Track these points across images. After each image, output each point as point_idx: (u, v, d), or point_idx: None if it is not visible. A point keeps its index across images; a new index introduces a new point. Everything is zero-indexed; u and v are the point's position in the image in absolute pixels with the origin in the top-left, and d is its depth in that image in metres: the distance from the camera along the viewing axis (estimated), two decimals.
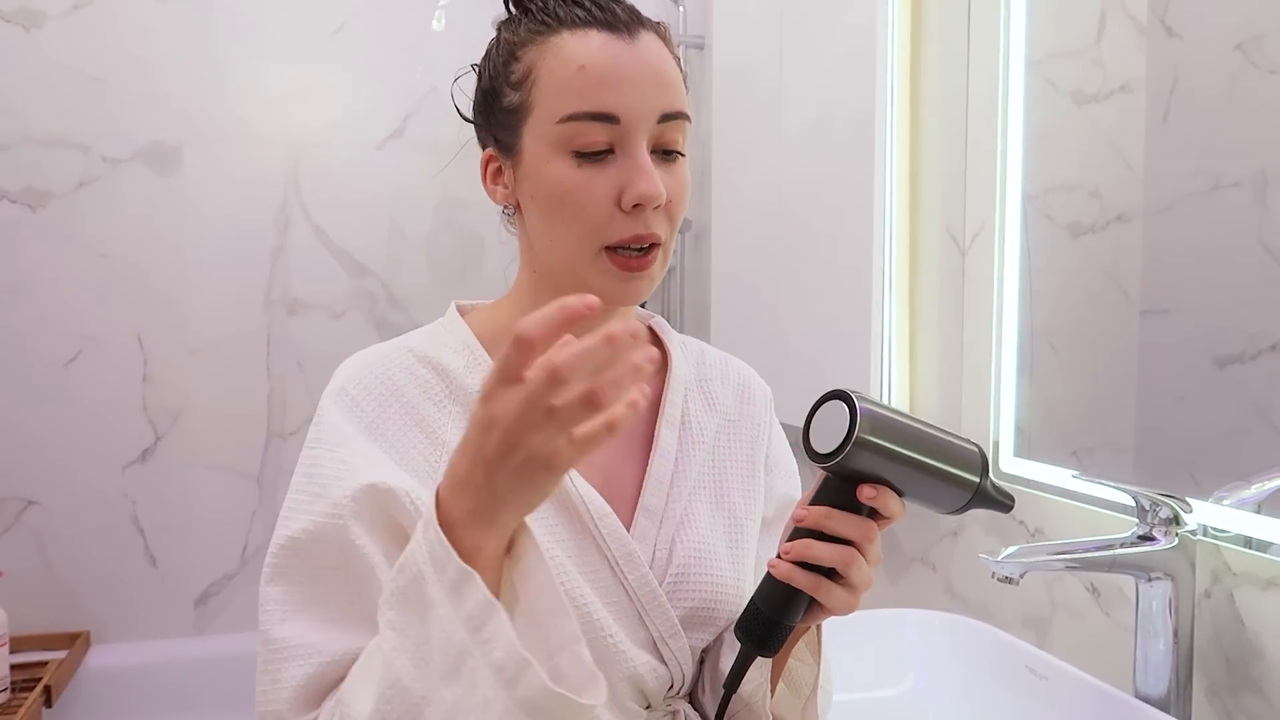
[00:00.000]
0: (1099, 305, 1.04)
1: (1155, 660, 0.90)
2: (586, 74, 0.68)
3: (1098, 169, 1.04)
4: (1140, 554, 0.89)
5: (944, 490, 0.64)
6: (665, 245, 0.72)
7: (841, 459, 0.60)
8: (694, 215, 2.29)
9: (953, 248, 1.33)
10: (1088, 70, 1.05)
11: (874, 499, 0.62)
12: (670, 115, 0.70)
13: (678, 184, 0.72)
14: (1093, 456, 1.05)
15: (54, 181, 2.07)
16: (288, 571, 0.67)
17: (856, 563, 0.62)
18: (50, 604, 2.09)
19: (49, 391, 2.08)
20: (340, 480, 0.67)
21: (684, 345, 0.86)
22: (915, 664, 1.07)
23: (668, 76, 0.70)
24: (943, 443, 0.64)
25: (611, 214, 0.69)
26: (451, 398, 0.74)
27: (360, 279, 2.28)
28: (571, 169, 0.69)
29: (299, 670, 0.64)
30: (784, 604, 0.64)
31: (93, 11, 2.07)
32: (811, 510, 0.63)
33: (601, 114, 0.68)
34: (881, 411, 0.61)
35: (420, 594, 0.57)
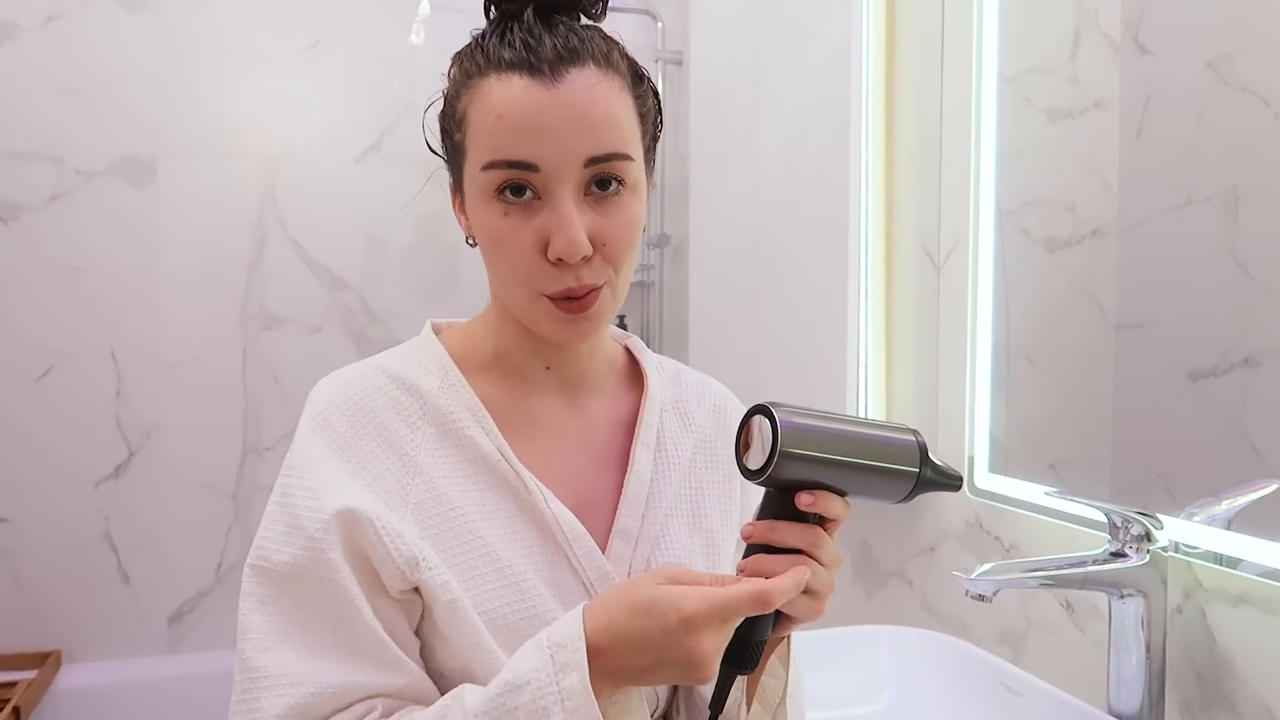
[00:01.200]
0: (1075, 319, 1.04)
1: (1128, 676, 0.90)
2: (503, 123, 0.66)
3: (1073, 184, 1.04)
4: (1112, 571, 0.89)
5: (884, 485, 0.65)
6: (611, 284, 0.70)
7: (770, 472, 0.61)
8: (673, 230, 2.30)
9: (928, 263, 1.34)
10: (1062, 87, 1.06)
11: (813, 505, 0.62)
12: (598, 158, 0.67)
13: (617, 225, 0.68)
14: (1069, 469, 1.06)
15: (26, 195, 2.05)
16: (270, 602, 0.66)
17: (810, 570, 0.63)
18: (20, 623, 2.06)
19: (20, 407, 2.05)
20: (310, 511, 0.67)
21: (660, 365, 0.86)
22: (890, 681, 1.07)
23: (595, 119, 0.66)
24: (875, 440, 0.64)
25: (539, 264, 0.68)
26: (425, 418, 0.73)
27: (338, 293, 2.27)
28: (498, 216, 0.68)
29: (280, 700, 0.63)
30: (750, 621, 0.64)
31: (66, 24, 2.06)
32: (757, 526, 0.64)
33: (518, 163, 0.66)
34: (805, 421, 0.62)
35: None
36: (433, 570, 0.67)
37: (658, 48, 2.27)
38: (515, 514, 0.72)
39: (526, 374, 0.77)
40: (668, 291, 2.35)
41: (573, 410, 0.78)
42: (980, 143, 1.17)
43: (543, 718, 0.59)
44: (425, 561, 0.67)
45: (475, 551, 0.69)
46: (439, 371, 0.75)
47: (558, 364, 0.78)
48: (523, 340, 0.76)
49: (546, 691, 0.59)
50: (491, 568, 0.69)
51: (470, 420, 0.73)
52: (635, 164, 0.70)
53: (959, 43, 1.26)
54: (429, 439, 0.72)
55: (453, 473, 0.72)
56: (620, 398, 0.81)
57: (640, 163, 0.71)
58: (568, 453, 0.77)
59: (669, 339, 2.34)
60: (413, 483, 0.70)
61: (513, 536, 0.70)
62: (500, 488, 0.72)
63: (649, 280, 2.39)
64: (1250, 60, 0.85)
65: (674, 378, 0.86)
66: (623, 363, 0.84)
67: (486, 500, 0.71)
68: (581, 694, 0.59)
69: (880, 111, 1.38)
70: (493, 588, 0.69)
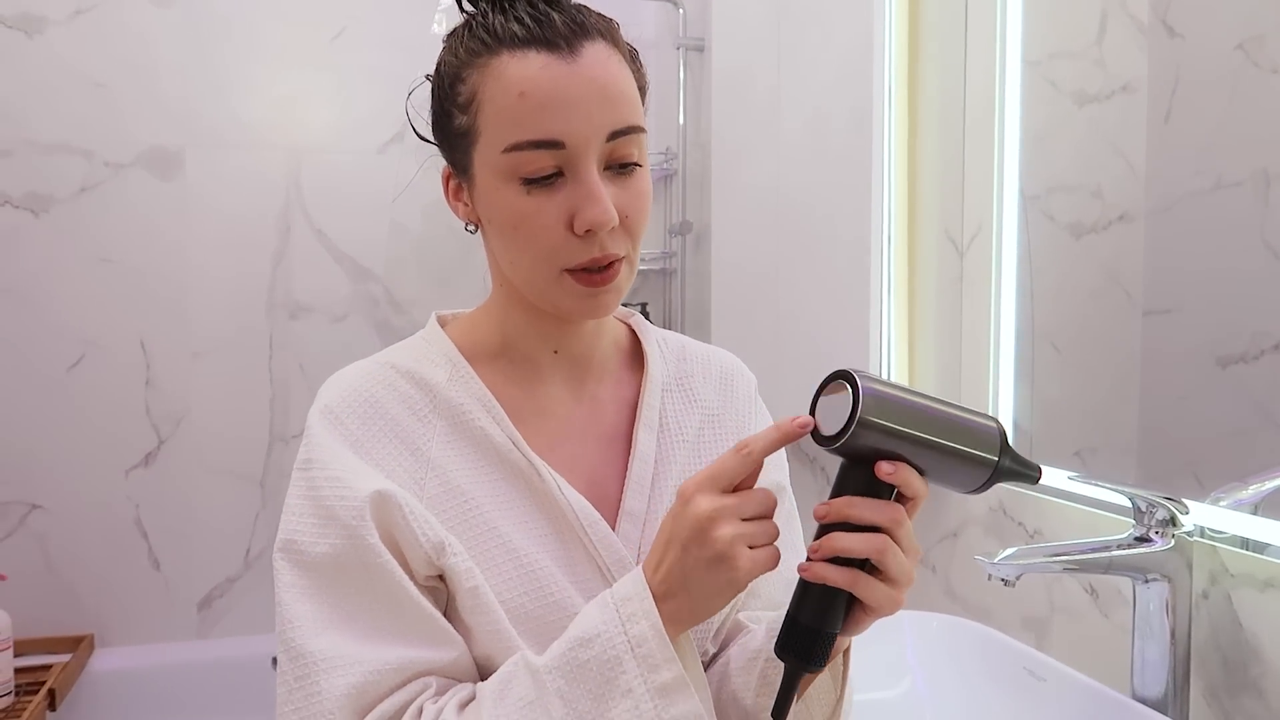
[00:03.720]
0: (1101, 305, 1.04)
1: (1152, 661, 0.90)
2: (527, 101, 0.65)
3: (1099, 169, 1.04)
4: (1137, 555, 0.89)
5: (962, 470, 0.60)
6: (629, 258, 0.71)
7: (847, 439, 0.57)
8: (695, 217, 2.30)
9: (951, 249, 1.33)
10: (1089, 70, 1.05)
11: (893, 475, 0.58)
12: (620, 132, 0.67)
13: (634, 198, 0.69)
14: (1096, 457, 1.05)
15: (56, 186, 2.08)
16: (314, 592, 0.66)
17: (890, 550, 0.58)
18: (54, 607, 2.10)
19: (52, 396, 2.09)
20: (343, 500, 0.67)
21: (664, 342, 0.85)
22: (912, 665, 1.07)
23: (614, 91, 0.67)
24: (956, 420, 0.60)
25: (565, 239, 0.67)
26: (435, 411, 0.73)
27: (362, 282, 2.28)
28: (521, 196, 0.67)
29: (342, 680, 0.63)
30: (823, 609, 0.60)
31: (94, 17, 2.08)
32: (833, 503, 0.60)
33: (545, 141, 0.65)
34: (887, 390, 0.58)
35: (609, 678, 0.60)
36: (457, 556, 0.67)
37: (679, 34, 2.27)
38: (528, 503, 0.72)
39: (534, 360, 0.77)
40: (690, 278, 2.35)
41: (580, 395, 0.79)
42: (1004, 127, 1.16)
43: (615, 668, 0.60)
44: (451, 547, 0.67)
45: (492, 543, 0.69)
46: (447, 364, 0.75)
47: (565, 346, 0.78)
48: (530, 325, 0.76)
49: (617, 642, 0.60)
50: (509, 558, 0.69)
51: (480, 411, 0.73)
52: (645, 137, 0.71)
53: (982, 27, 1.25)
54: (440, 432, 0.72)
55: (465, 465, 0.72)
56: (625, 379, 0.81)
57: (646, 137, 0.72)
58: (576, 438, 0.77)
59: (691, 325, 2.34)
60: (426, 477, 0.70)
61: (527, 526, 0.71)
62: (513, 477, 0.72)
63: (671, 268, 2.39)
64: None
65: (678, 353, 0.85)
66: (627, 343, 0.84)
67: (500, 491, 0.72)
68: (654, 638, 0.60)
69: (903, 97, 1.38)
70: (511, 578, 0.69)
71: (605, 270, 0.69)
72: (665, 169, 2.34)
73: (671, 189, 2.38)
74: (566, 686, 0.61)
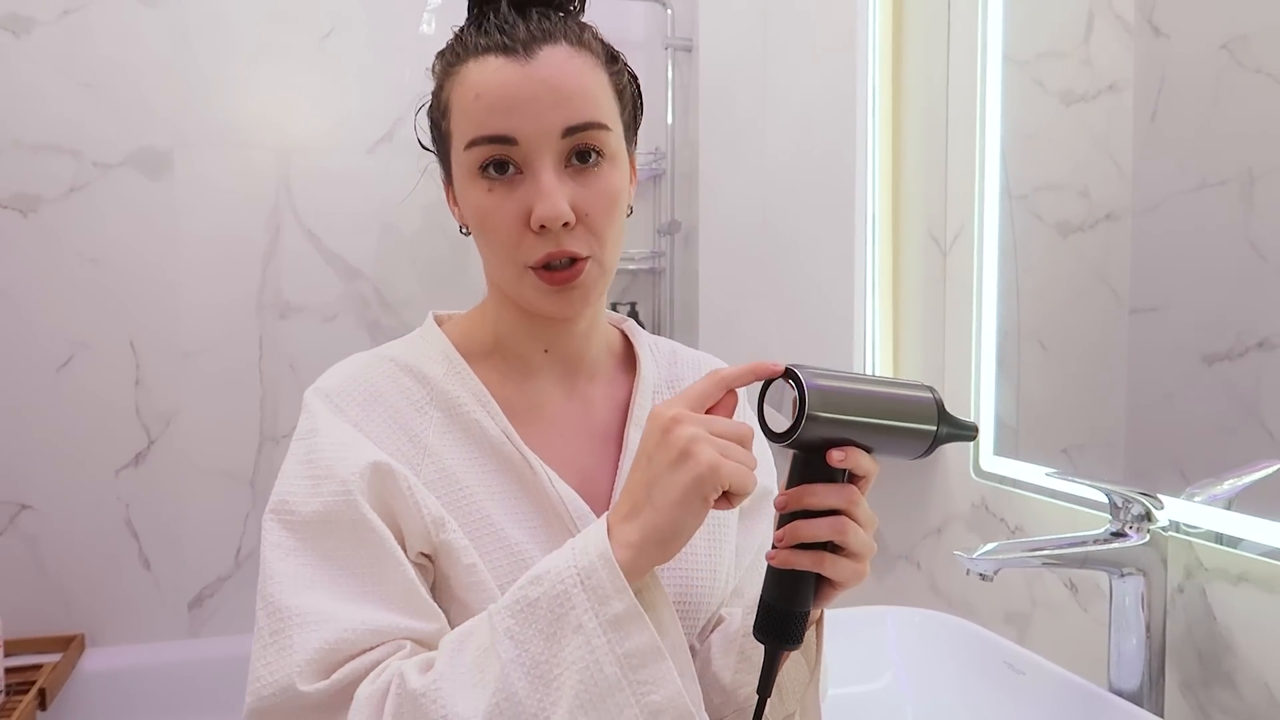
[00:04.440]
0: (1088, 304, 1.04)
1: (1128, 655, 0.91)
2: (481, 101, 0.69)
3: (1086, 168, 1.04)
4: (1113, 550, 0.90)
5: (906, 442, 0.64)
6: (596, 258, 0.72)
7: (799, 435, 0.61)
8: (683, 216, 2.31)
9: (934, 248, 1.34)
10: (1076, 70, 1.06)
11: (844, 460, 0.61)
12: (575, 128, 0.69)
13: (595, 195, 0.70)
14: (1083, 453, 1.06)
15: (45, 187, 2.08)
16: (298, 551, 0.67)
17: (850, 529, 0.62)
18: (45, 607, 2.10)
19: (42, 396, 2.09)
20: (344, 460, 0.68)
21: (655, 346, 0.87)
22: (894, 660, 1.08)
23: (568, 89, 0.69)
24: (895, 398, 0.64)
25: (522, 235, 0.70)
26: (433, 403, 0.75)
27: (352, 282, 2.29)
28: (483, 194, 0.70)
29: (315, 635, 0.63)
30: (792, 591, 0.63)
31: (82, 17, 2.08)
32: (790, 493, 0.63)
33: (496, 137, 0.69)
34: (829, 383, 0.62)
35: (559, 614, 0.59)
36: (455, 533, 0.69)
37: (667, 35, 2.28)
38: (521, 496, 0.73)
39: (527, 359, 0.79)
40: (679, 278, 2.36)
41: (572, 395, 0.80)
42: (985, 127, 1.18)
43: (565, 602, 0.59)
44: (449, 523, 0.69)
45: (485, 530, 0.71)
46: (444, 359, 0.77)
47: (556, 346, 0.79)
48: (520, 325, 0.78)
49: (566, 574, 0.59)
50: (500, 546, 0.71)
51: (476, 405, 0.75)
52: (613, 134, 0.72)
53: (965, 27, 1.26)
54: (436, 422, 0.74)
55: (460, 455, 0.73)
56: (618, 381, 0.83)
57: (619, 135, 0.73)
58: (568, 436, 0.78)
59: (680, 325, 2.35)
60: (423, 463, 0.72)
61: (519, 517, 0.72)
62: (506, 470, 0.74)
63: (660, 267, 2.40)
64: (1266, 42, 0.84)
65: (669, 358, 0.87)
66: (620, 346, 0.86)
67: (493, 482, 0.73)
68: (604, 567, 0.59)
69: (887, 97, 1.39)
70: (502, 566, 0.70)
71: (567, 269, 0.71)
72: (654, 169, 2.35)
73: (660, 188, 2.39)
74: (517, 626, 0.60)
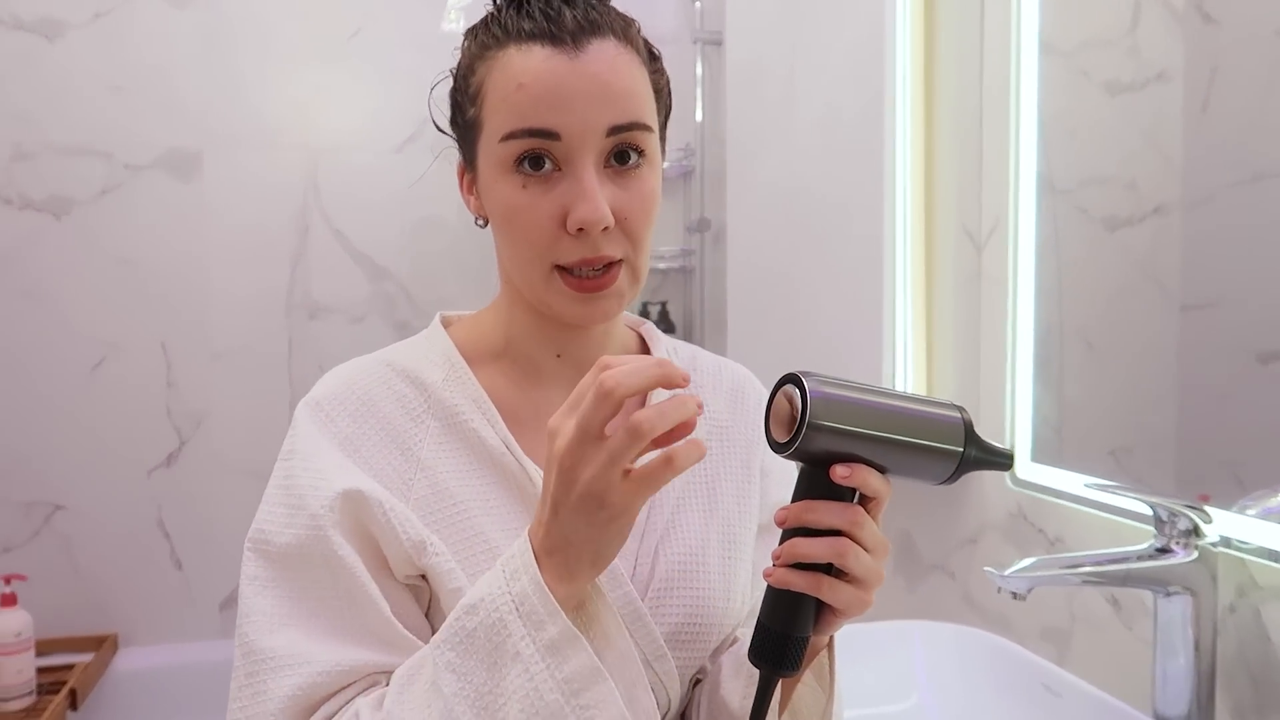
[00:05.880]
0: (1137, 301, 1.01)
1: (1174, 678, 0.85)
2: (525, 91, 0.65)
3: (1134, 160, 1.00)
4: (1157, 568, 0.84)
5: (925, 464, 0.59)
6: (630, 262, 0.69)
7: (799, 445, 0.56)
8: (713, 214, 2.26)
9: (968, 244, 1.29)
10: (1122, 59, 1.02)
11: (849, 478, 0.56)
12: (620, 127, 0.66)
13: (635, 199, 0.67)
14: (1131, 457, 1.02)
15: (77, 189, 2.09)
16: (273, 585, 0.66)
17: (852, 552, 0.57)
18: (78, 607, 2.12)
19: (75, 397, 2.10)
20: (316, 490, 0.66)
21: (675, 352, 0.84)
22: (921, 679, 1.03)
23: (618, 88, 0.66)
24: (915, 414, 0.59)
25: (558, 235, 0.66)
26: (429, 411, 0.72)
27: (380, 282, 2.28)
28: (516, 189, 0.66)
29: (288, 681, 0.62)
30: (789, 614, 0.59)
31: (112, 20, 2.09)
32: (791, 508, 0.59)
33: (540, 130, 0.65)
34: (837, 391, 0.57)
35: (497, 643, 0.56)
36: (439, 556, 0.66)
37: (696, 27, 2.23)
38: (519, 508, 0.70)
39: (537, 364, 0.76)
40: (709, 277, 2.32)
41: None
42: (1020, 118, 1.12)
43: (501, 631, 0.56)
44: (432, 547, 0.66)
45: (478, 547, 0.68)
46: (445, 364, 0.74)
47: (569, 351, 0.76)
48: (534, 328, 0.74)
49: (500, 603, 0.56)
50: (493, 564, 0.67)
51: (475, 412, 0.72)
52: (654, 136, 0.69)
53: (999, 16, 1.20)
54: (433, 432, 0.71)
55: (456, 467, 0.70)
56: None
57: (656, 137, 0.71)
58: None
59: (709, 325, 2.31)
60: (415, 478, 0.69)
61: (515, 533, 0.69)
62: (504, 481, 0.71)
63: (690, 266, 2.36)
64: None
65: (689, 364, 0.83)
66: (636, 351, 0.82)
67: (490, 495, 0.70)
68: (536, 592, 0.56)
69: (919, 88, 1.33)
70: None
71: (600, 276, 0.67)
72: (684, 165, 2.30)
73: (690, 186, 2.34)
74: (457, 659, 0.57)
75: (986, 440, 0.60)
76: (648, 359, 0.55)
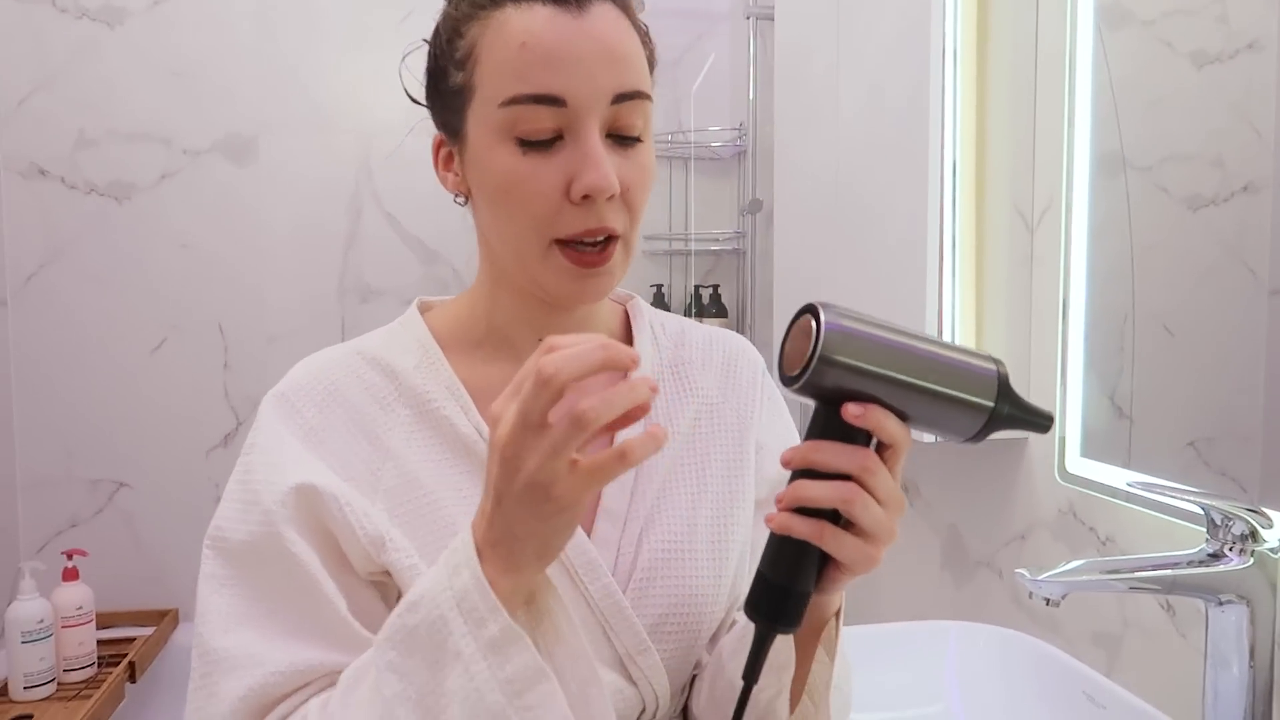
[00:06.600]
0: (1222, 284, 0.94)
1: (1226, 693, 0.79)
2: (528, 52, 0.61)
3: (1220, 136, 0.93)
4: (1208, 574, 0.78)
5: (950, 415, 0.54)
6: (626, 238, 0.66)
7: (808, 377, 0.52)
8: (764, 195, 2.20)
9: (1021, 225, 1.22)
10: (1209, 29, 0.94)
11: (861, 418, 0.52)
12: (625, 95, 0.63)
13: (635, 170, 0.65)
14: (1213, 448, 0.95)
15: (138, 175, 2.14)
16: (230, 583, 0.64)
17: (860, 499, 0.52)
18: (140, 582, 2.18)
19: (137, 378, 2.16)
20: (271, 485, 0.64)
21: (661, 327, 0.80)
22: (952, 682, 0.98)
23: (622, 52, 0.63)
24: (943, 360, 0.54)
25: (560, 206, 0.63)
26: (400, 399, 0.70)
27: (431, 265, 2.28)
28: (516, 157, 0.63)
29: (239, 682, 0.60)
30: (791, 565, 0.55)
31: (172, 6, 2.13)
32: (799, 447, 0.54)
33: (545, 96, 0.61)
34: (858, 326, 0.53)
35: (438, 643, 0.54)
36: (400, 552, 0.64)
37: (750, 3, 2.17)
38: None
39: (517, 347, 0.73)
40: (760, 259, 2.26)
41: None
42: (1074, 91, 1.05)
43: (442, 629, 0.53)
44: (393, 543, 0.64)
45: (448, 539, 0.64)
46: (418, 350, 0.72)
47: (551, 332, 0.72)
48: (517, 309, 0.72)
49: (442, 599, 0.53)
50: None
51: (448, 399, 0.69)
52: (652, 107, 0.66)
53: None
54: (403, 421, 0.69)
55: (427, 456, 0.68)
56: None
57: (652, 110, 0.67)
58: None
59: (759, 308, 2.26)
60: (383, 468, 0.67)
61: None
62: (478, 470, 0.68)
63: (742, 248, 2.31)
64: None
65: (675, 339, 0.80)
66: (621, 329, 0.79)
67: (463, 485, 0.67)
68: (476, 588, 0.52)
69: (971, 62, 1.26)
70: None
71: (600, 249, 0.64)
72: (738, 145, 2.25)
73: (744, 166, 2.29)
74: (399, 658, 0.54)
75: (1023, 399, 0.55)
76: (593, 340, 0.50)
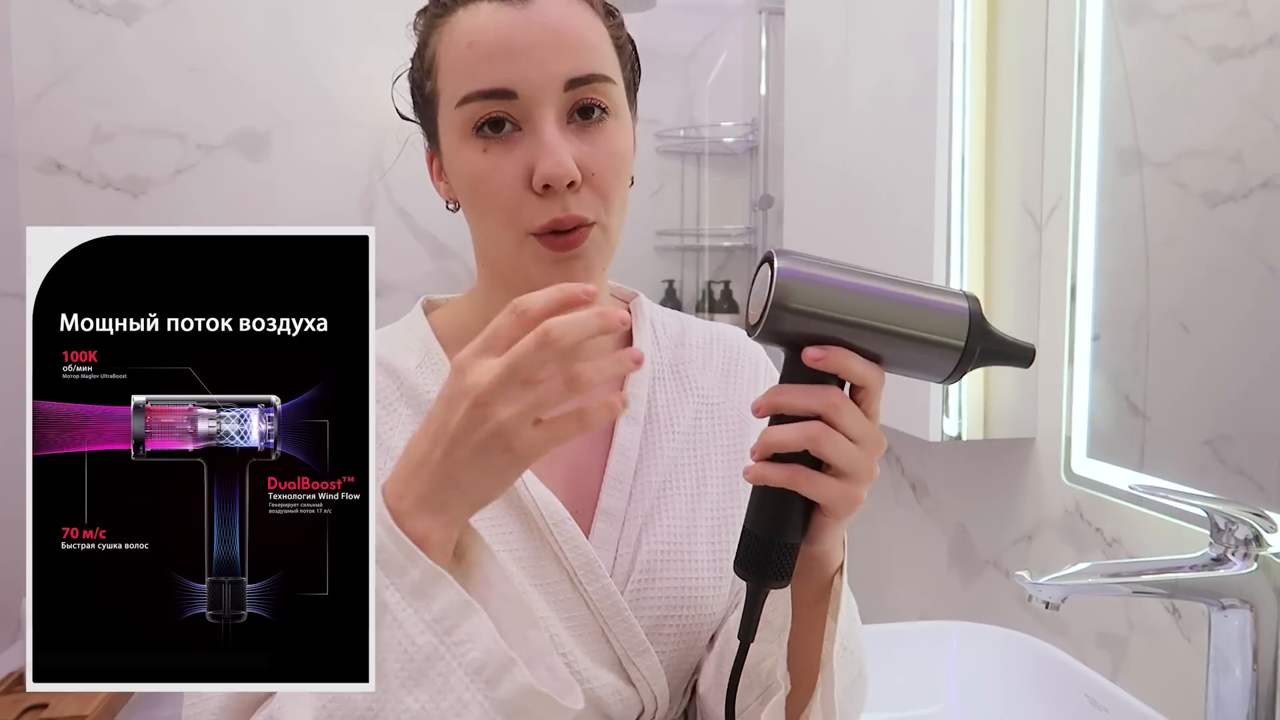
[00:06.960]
0: (1240, 281, 0.93)
1: (1229, 700, 0.78)
2: (475, 49, 0.62)
3: (1239, 132, 0.92)
4: (1211, 579, 0.77)
5: (921, 355, 0.54)
6: (603, 223, 0.65)
7: (764, 324, 0.52)
8: (776, 190, 2.20)
9: (1029, 223, 1.21)
10: (1230, 23, 0.93)
11: (821, 360, 0.52)
12: (579, 80, 0.63)
13: (601, 154, 0.64)
14: (1231, 446, 0.94)
15: (154, 169, 2.16)
16: None
17: (827, 437, 0.52)
18: None
19: None
20: None
21: (663, 326, 0.79)
22: (951, 683, 0.97)
23: (572, 37, 0.63)
24: (907, 302, 0.53)
25: (524, 198, 0.63)
26: (402, 399, 0.70)
27: (443, 260, 2.29)
28: (478, 154, 0.64)
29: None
30: (773, 516, 0.55)
31: (186, 3, 2.14)
32: (764, 395, 0.55)
33: (495, 90, 0.62)
34: (815, 271, 0.52)
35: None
36: None
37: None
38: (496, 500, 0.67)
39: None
40: None
41: None
42: (1084, 86, 1.04)
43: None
44: None
45: None
46: (420, 349, 0.72)
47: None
48: None
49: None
50: None
51: None
52: (617, 89, 0.66)
53: None
54: (406, 420, 0.69)
55: None
56: None
57: (622, 92, 0.67)
58: None
59: None
60: (385, 467, 0.66)
61: (491, 524, 0.66)
62: None
63: (754, 244, 2.30)
64: None
65: (676, 337, 0.79)
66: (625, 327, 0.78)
67: None
68: (392, 541, 0.51)
69: (980, 57, 1.25)
70: None
71: (571, 234, 0.64)
72: (749, 140, 2.24)
73: (755, 162, 2.28)
74: None
75: (1002, 333, 0.55)
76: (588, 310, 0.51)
